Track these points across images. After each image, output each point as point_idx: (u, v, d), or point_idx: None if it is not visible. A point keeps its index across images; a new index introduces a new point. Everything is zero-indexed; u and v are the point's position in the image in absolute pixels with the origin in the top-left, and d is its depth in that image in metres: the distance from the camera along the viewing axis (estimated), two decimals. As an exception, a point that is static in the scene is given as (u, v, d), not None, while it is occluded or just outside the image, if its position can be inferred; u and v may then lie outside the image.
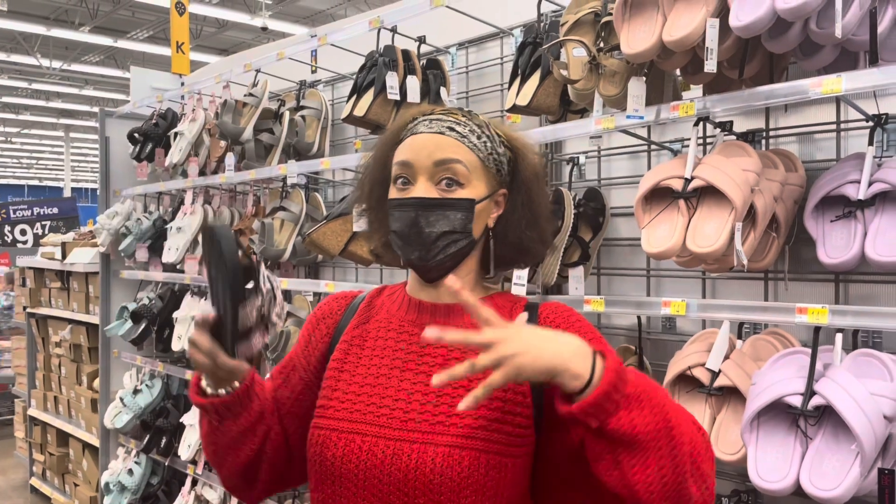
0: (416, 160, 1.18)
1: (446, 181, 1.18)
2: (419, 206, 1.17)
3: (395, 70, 2.64)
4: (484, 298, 1.25)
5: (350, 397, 1.19)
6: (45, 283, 5.27)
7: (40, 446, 5.42)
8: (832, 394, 1.56)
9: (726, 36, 1.71)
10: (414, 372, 1.18)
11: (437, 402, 1.13)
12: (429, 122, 1.22)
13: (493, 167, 1.22)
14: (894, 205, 1.68)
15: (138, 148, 4.15)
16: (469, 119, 1.23)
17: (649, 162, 2.34)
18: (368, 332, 1.26)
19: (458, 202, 1.18)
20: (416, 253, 1.19)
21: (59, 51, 17.34)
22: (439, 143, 1.18)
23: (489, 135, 1.23)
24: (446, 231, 1.17)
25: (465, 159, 1.18)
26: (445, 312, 1.23)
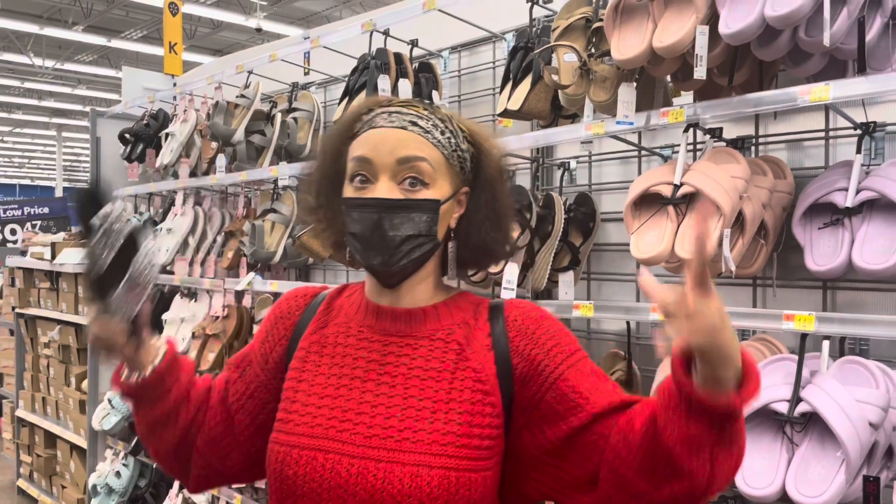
0: (377, 157, 1.10)
1: (410, 180, 1.10)
2: (382, 207, 1.09)
3: (387, 73, 2.64)
4: (446, 300, 1.19)
5: (310, 410, 1.12)
6: (35, 283, 5.24)
7: (28, 447, 5.39)
8: (818, 401, 1.56)
9: (716, 43, 1.72)
10: (376, 382, 1.12)
11: (402, 417, 1.08)
12: (388, 115, 1.13)
13: (456, 165, 1.15)
14: (882, 213, 1.69)
15: (129, 148, 4.14)
16: (432, 112, 1.15)
17: (640, 167, 2.34)
18: (327, 337, 1.19)
19: (424, 203, 1.10)
20: (378, 258, 1.11)
21: (52, 50, 17.28)
22: (402, 139, 1.10)
23: (453, 129, 1.15)
24: (411, 234, 1.10)
25: (429, 157, 1.11)
26: (406, 318, 1.16)
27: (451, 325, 1.15)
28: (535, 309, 1.18)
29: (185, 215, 3.72)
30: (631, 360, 2.20)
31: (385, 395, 1.10)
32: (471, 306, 1.19)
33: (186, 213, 3.73)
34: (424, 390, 1.09)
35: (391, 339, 1.15)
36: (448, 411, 1.07)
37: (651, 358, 2.27)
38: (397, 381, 1.11)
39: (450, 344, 1.13)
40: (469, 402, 1.08)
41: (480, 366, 1.11)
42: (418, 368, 1.11)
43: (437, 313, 1.16)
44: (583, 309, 2.02)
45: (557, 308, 2.14)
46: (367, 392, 1.11)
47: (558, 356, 1.11)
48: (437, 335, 1.14)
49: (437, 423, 1.07)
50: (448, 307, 1.18)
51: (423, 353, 1.13)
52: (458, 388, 1.09)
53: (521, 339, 1.13)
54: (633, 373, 2.19)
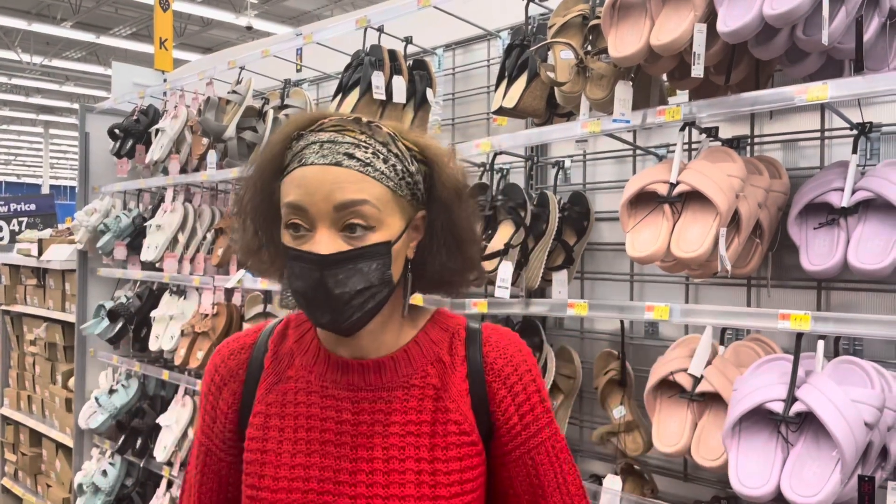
0: (311, 203, 0.95)
1: (352, 227, 0.96)
2: (323, 264, 0.95)
3: (382, 70, 2.62)
4: (417, 337, 1.08)
5: (283, 484, 1.01)
6: (21, 279, 5.19)
7: (12, 446, 5.33)
8: (814, 400, 1.56)
9: (713, 41, 1.71)
10: (351, 447, 1.02)
11: (385, 484, 1.00)
12: (319, 146, 0.97)
13: (406, 193, 1.00)
14: (877, 213, 1.69)
15: (119, 144, 4.10)
16: (370, 135, 0.99)
17: (634, 166, 2.34)
18: (285, 394, 1.07)
19: (371, 250, 0.96)
20: (326, 317, 0.98)
21: (40, 46, 17.15)
22: (337, 180, 0.95)
23: (397, 152, 1.00)
24: (361, 288, 0.96)
25: (372, 196, 0.96)
26: (375, 369, 1.05)
27: (425, 366, 1.06)
28: (516, 351, 1.10)
29: (175, 212, 3.69)
30: (624, 360, 2.19)
31: (364, 459, 1.01)
32: (446, 337, 1.09)
33: (176, 209, 3.69)
34: (405, 449, 1.01)
35: (361, 395, 1.04)
36: (434, 472, 1.01)
37: (645, 357, 2.26)
38: (374, 441, 1.02)
39: (426, 390, 1.04)
40: (457, 458, 1.02)
41: (462, 416, 1.04)
42: (395, 425, 1.02)
43: (407, 357, 1.06)
44: (577, 308, 2.01)
45: (551, 307, 2.13)
46: (343, 458, 1.02)
47: (530, 426, 1.08)
48: (412, 381, 1.05)
49: (424, 486, 1.00)
50: (420, 345, 1.08)
51: (398, 406, 1.03)
52: (441, 444, 1.02)
53: (500, 387, 1.07)
54: (627, 372, 2.19)
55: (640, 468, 2.17)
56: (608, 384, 2.19)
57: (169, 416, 3.60)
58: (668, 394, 1.90)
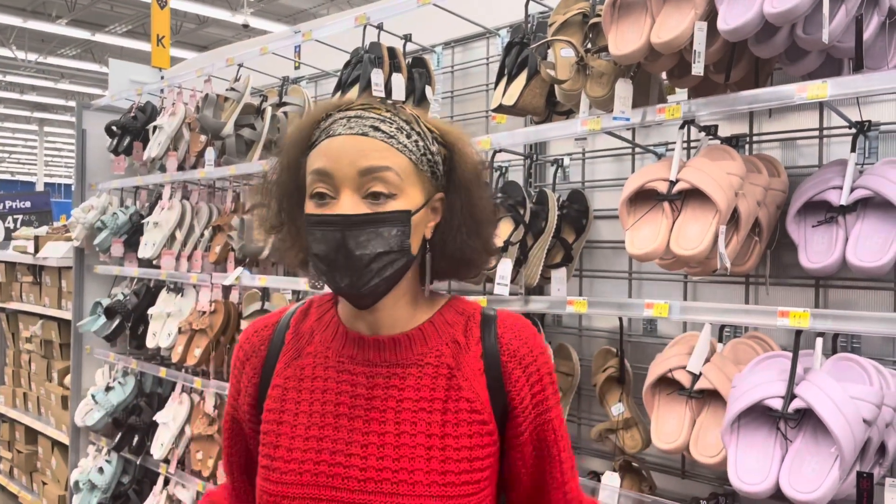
0: (337, 169, 1.00)
1: (375, 193, 1.00)
2: (346, 224, 0.99)
3: (381, 67, 2.62)
4: (433, 318, 1.11)
5: (296, 455, 1.04)
6: (17, 276, 5.17)
7: (8, 444, 5.32)
8: (812, 397, 1.57)
9: (714, 39, 1.72)
10: (364, 420, 1.05)
11: (396, 457, 1.02)
12: (347, 120, 1.03)
13: (427, 170, 1.05)
14: (876, 211, 1.70)
15: (116, 141, 4.09)
16: (395, 114, 1.05)
17: (633, 165, 2.35)
18: (303, 369, 1.10)
19: (392, 216, 1.00)
20: (346, 279, 1.01)
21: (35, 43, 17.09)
22: (363, 148, 1.00)
23: (420, 131, 1.05)
24: (381, 252, 1.00)
25: (395, 165, 1.01)
26: (391, 346, 1.08)
27: (440, 346, 1.08)
28: (530, 334, 1.13)
29: (173, 209, 3.68)
30: (623, 357, 2.20)
31: (375, 433, 1.04)
32: (461, 319, 1.12)
33: (174, 206, 3.69)
34: (417, 424, 1.03)
35: (376, 371, 1.07)
36: (444, 447, 1.03)
37: (643, 355, 2.27)
38: (387, 416, 1.04)
39: (439, 369, 1.07)
40: (467, 436, 1.04)
41: (475, 395, 1.06)
42: (408, 400, 1.05)
43: (423, 336, 1.09)
44: (576, 305, 2.01)
45: (550, 304, 2.14)
46: (356, 431, 1.04)
47: (540, 405, 1.11)
48: (426, 360, 1.07)
49: (433, 461, 1.02)
50: (435, 326, 1.10)
51: (411, 382, 1.06)
52: (452, 420, 1.04)
53: (515, 367, 1.09)
54: (626, 369, 2.19)
55: (639, 465, 2.17)
56: (607, 381, 2.20)
57: (166, 414, 3.59)
58: (666, 391, 1.91)
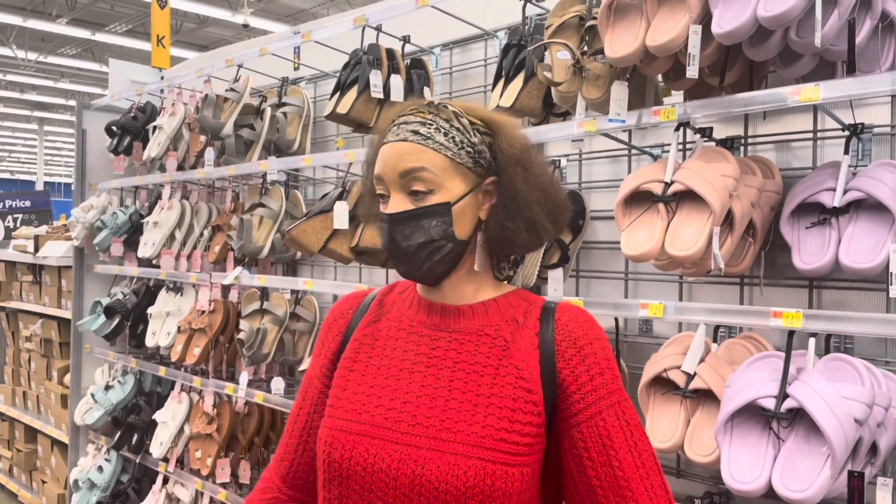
0: (385, 174, 1.16)
1: (415, 191, 1.15)
2: (391, 222, 1.16)
3: (380, 68, 2.64)
4: (498, 298, 1.22)
5: (359, 398, 1.18)
6: (17, 276, 5.19)
7: (8, 442, 5.33)
8: (805, 397, 1.58)
9: (708, 42, 1.73)
10: (423, 374, 1.17)
11: (444, 408, 1.13)
12: (396, 128, 1.18)
13: (468, 161, 1.16)
14: (868, 213, 1.72)
15: (116, 141, 4.11)
16: (436, 114, 1.17)
17: (629, 166, 2.36)
18: (380, 330, 1.25)
19: (432, 209, 1.15)
20: (402, 266, 1.18)
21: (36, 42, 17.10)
22: (402, 153, 1.15)
23: (459, 126, 1.17)
24: (423, 241, 1.15)
25: (430, 164, 1.14)
26: (455, 314, 1.21)
27: (500, 322, 1.19)
28: (587, 320, 1.20)
29: (172, 209, 3.70)
30: (619, 357, 2.21)
31: (431, 386, 1.15)
32: (523, 304, 1.22)
33: (173, 206, 3.71)
34: (468, 384, 1.14)
35: (440, 334, 1.20)
36: (489, 405, 1.12)
37: (638, 354, 2.29)
38: (443, 373, 1.16)
39: (496, 340, 1.17)
40: (511, 398, 1.12)
41: (524, 363, 1.15)
42: (464, 363, 1.16)
43: (485, 310, 1.20)
44: (572, 305, 2.03)
45: (547, 304, 2.15)
46: (414, 383, 1.16)
47: (601, 388, 1.15)
48: (485, 331, 1.18)
49: (477, 416, 1.11)
50: (498, 304, 1.22)
51: (469, 347, 1.17)
52: (500, 383, 1.13)
53: (569, 347, 1.16)
54: (621, 369, 2.21)
55: (634, 464, 2.18)
56: (602, 381, 2.21)
57: (165, 413, 3.61)
58: (661, 390, 1.92)
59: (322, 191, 3.47)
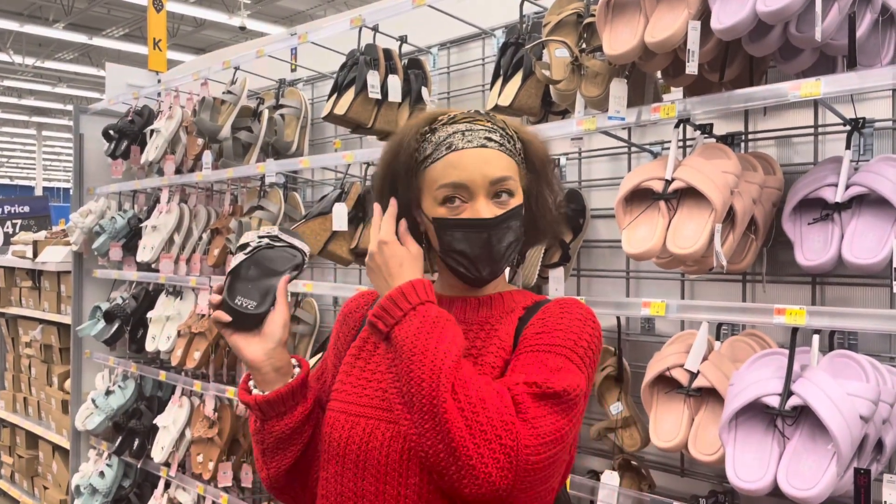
0: (472, 180, 1.17)
1: (499, 194, 1.19)
2: (490, 227, 1.18)
3: (377, 69, 2.63)
4: (503, 293, 1.28)
5: (361, 382, 1.24)
6: (16, 281, 5.18)
7: (9, 449, 5.32)
8: (809, 394, 1.57)
9: (707, 38, 1.72)
10: None
11: None
12: (462, 134, 1.19)
13: (523, 166, 1.25)
14: (871, 208, 1.70)
15: (113, 145, 4.09)
16: (493, 122, 1.23)
17: (629, 164, 2.35)
18: None
19: (515, 212, 1.21)
20: (487, 269, 1.21)
21: (33, 47, 17.09)
22: (488, 160, 1.18)
23: (511, 134, 1.24)
24: (511, 242, 1.21)
25: (512, 170, 1.20)
26: (462, 307, 1.26)
27: (502, 313, 1.25)
28: (571, 302, 1.24)
29: (171, 213, 3.69)
30: (621, 356, 2.20)
31: None
32: (521, 298, 1.28)
33: (172, 210, 3.69)
34: None
35: None
36: None
37: (641, 353, 2.27)
38: None
39: (491, 327, 1.23)
40: (491, 365, 1.18)
41: (506, 335, 1.21)
42: None
43: (490, 302, 1.27)
44: (574, 304, 2.01)
45: (548, 304, 2.14)
46: None
47: (532, 338, 1.17)
48: (489, 321, 1.24)
49: None
50: (503, 297, 1.28)
51: (468, 336, 1.22)
52: (485, 362, 1.19)
53: (540, 315, 1.21)
54: (624, 368, 2.20)
55: (638, 464, 2.18)
56: (605, 381, 2.20)
57: (166, 417, 3.60)
58: (664, 389, 1.91)
59: (321, 192, 3.45)
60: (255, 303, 1.26)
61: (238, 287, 1.27)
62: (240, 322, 1.25)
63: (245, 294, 1.26)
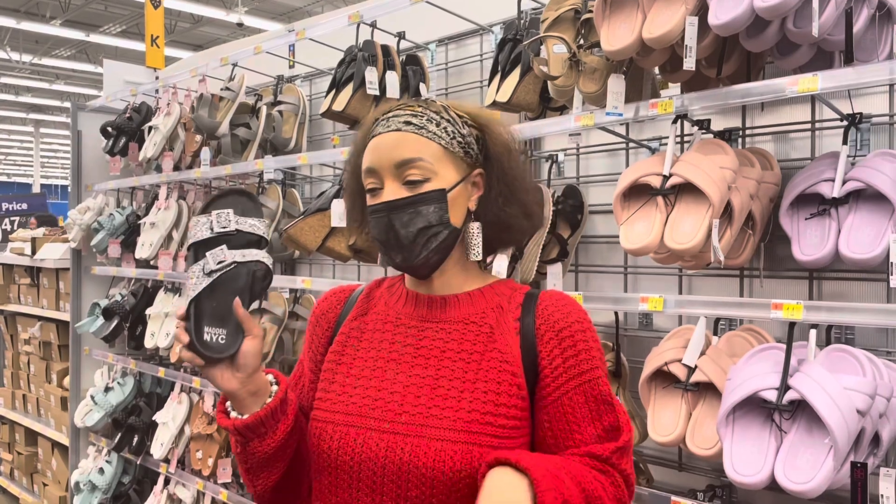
0: (379, 164, 1.17)
1: (411, 179, 1.16)
2: (390, 209, 1.16)
3: (375, 65, 2.63)
4: (483, 288, 1.25)
5: (346, 389, 1.20)
6: (14, 279, 5.17)
7: (8, 445, 5.32)
8: (806, 388, 1.58)
9: (705, 34, 1.72)
10: (410, 365, 1.19)
11: (431, 396, 1.14)
12: (385, 121, 1.20)
13: (459, 151, 1.20)
14: (868, 203, 1.71)
15: (111, 142, 4.09)
16: (426, 108, 1.21)
17: (627, 160, 2.35)
18: (366, 324, 1.27)
19: (429, 196, 1.16)
20: (399, 256, 1.18)
21: (30, 44, 17.05)
22: (397, 142, 1.17)
23: (449, 118, 1.20)
24: (422, 227, 1.16)
25: (425, 153, 1.17)
26: (442, 305, 1.23)
27: (486, 309, 1.21)
28: (568, 303, 1.21)
29: (169, 209, 3.69)
30: (619, 351, 2.21)
31: (418, 376, 1.17)
32: (508, 291, 1.25)
33: (170, 206, 3.69)
34: (454, 371, 1.16)
35: (427, 325, 1.22)
36: (474, 390, 1.14)
37: (639, 348, 2.28)
38: (430, 363, 1.18)
39: (482, 327, 1.19)
40: (495, 381, 1.14)
41: (507, 347, 1.17)
42: (450, 351, 1.18)
43: (471, 299, 1.23)
44: (572, 300, 2.02)
45: (546, 299, 2.14)
46: (401, 373, 1.18)
47: (572, 369, 1.16)
48: (471, 319, 1.20)
49: (463, 401, 1.13)
50: (484, 293, 1.24)
51: (456, 336, 1.19)
52: (485, 367, 1.15)
53: (548, 331, 1.18)
54: (622, 363, 2.20)
55: (636, 458, 2.18)
56: (603, 376, 2.21)
57: (165, 413, 3.60)
58: (662, 384, 1.92)
59: (319, 189, 3.46)
60: (225, 333, 1.12)
61: (205, 316, 1.12)
62: (212, 360, 1.12)
63: (212, 323, 1.12)
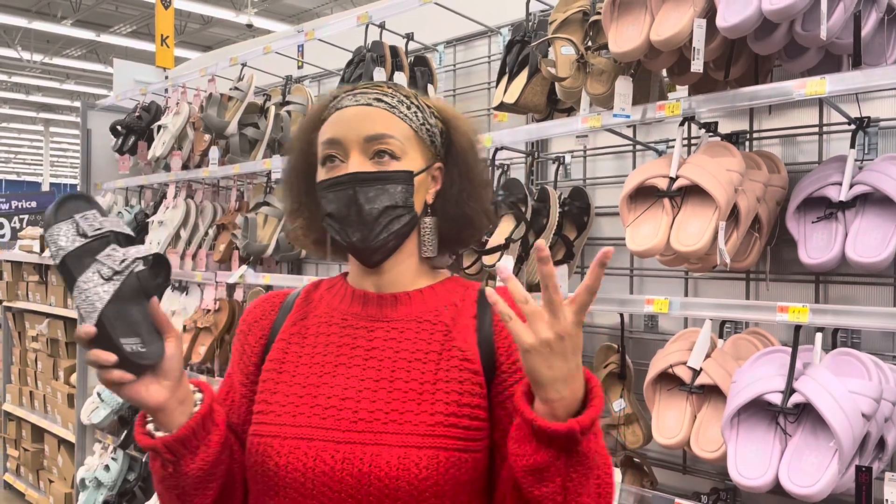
0: (346, 136, 1.09)
1: (380, 154, 1.08)
2: (356, 181, 1.07)
3: (383, 66, 2.64)
4: (434, 285, 1.17)
5: (292, 399, 1.08)
6: (23, 276, 5.21)
7: (15, 442, 5.35)
8: (812, 391, 1.58)
9: (713, 36, 1.73)
10: (361, 368, 1.09)
11: (388, 400, 1.05)
12: (354, 95, 1.13)
13: (426, 138, 1.14)
14: (875, 207, 1.71)
15: (121, 141, 4.11)
16: (396, 90, 1.15)
17: (634, 162, 2.36)
18: (308, 328, 1.15)
19: (397, 174, 1.09)
20: (357, 233, 1.08)
21: (41, 44, 17.15)
22: (369, 115, 1.09)
23: (419, 105, 1.15)
24: (388, 206, 1.08)
25: (397, 131, 1.10)
26: (392, 302, 1.14)
27: (439, 307, 1.13)
28: None
29: (177, 208, 3.70)
30: (624, 353, 2.21)
31: (371, 379, 1.07)
32: (461, 289, 1.17)
33: (178, 205, 3.71)
34: (411, 372, 1.07)
35: (377, 325, 1.12)
36: (435, 391, 1.05)
37: (644, 351, 2.28)
38: (384, 364, 1.08)
39: (437, 325, 1.11)
40: (457, 381, 1.06)
41: (466, 345, 1.09)
42: (405, 351, 1.09)
43: (422, 296, 1.14)
44: (577, 301, 2.02)
45: (552, 301, 2.14)
46: (353, 378, 1.08)
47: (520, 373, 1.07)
48: (424, 317, 1.12)
49: (424, 404, 1.04)
50: (436, 290, 1.16)
51: (409, 335, 1.10)
52: (444, 367, 1.07)
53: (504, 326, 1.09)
54: (627, 365, 2.20)
55: (640, 461, 2.18)
56: (608, 377, 2.21)
57: (171, 412, 3.61)
58: (667, 387, 1.92)
59: (326, 189, 3.46)
60: (140, 341, 0.99)
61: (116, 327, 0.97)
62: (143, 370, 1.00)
63: (126, 333, 0.98)
